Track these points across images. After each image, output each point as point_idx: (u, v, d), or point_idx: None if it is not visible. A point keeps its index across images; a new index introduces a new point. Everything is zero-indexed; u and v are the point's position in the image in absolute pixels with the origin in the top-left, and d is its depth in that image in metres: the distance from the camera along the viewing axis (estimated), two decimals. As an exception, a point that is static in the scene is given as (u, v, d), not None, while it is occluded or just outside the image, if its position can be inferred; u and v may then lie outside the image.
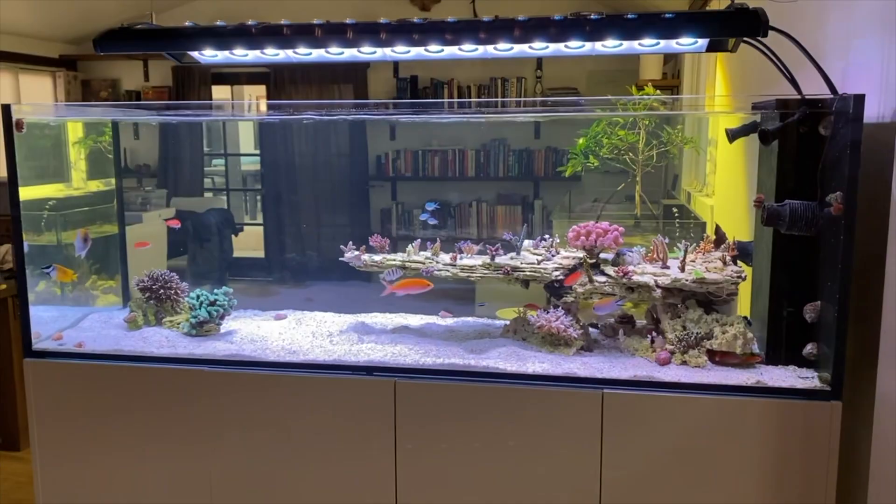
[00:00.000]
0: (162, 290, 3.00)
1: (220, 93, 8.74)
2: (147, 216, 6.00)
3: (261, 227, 8.58)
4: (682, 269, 2.73)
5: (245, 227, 9.18)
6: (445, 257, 2.89)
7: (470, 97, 8.08)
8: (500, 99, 4.13)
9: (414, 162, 8.15)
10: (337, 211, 8.14)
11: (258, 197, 9.53)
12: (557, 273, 2.78)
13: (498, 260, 2.82)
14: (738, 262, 2.80)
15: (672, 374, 2.57)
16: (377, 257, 2.92)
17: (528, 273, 2.77)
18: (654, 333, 2.72)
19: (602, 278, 2.74)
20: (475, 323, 3.14)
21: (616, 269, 2.72)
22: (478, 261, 2.85)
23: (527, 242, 2.95)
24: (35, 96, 8.31)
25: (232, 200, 10.16)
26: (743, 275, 2.69)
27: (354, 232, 8.20)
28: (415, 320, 3.18)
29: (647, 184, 5.14)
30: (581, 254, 2.82)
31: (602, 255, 2.80)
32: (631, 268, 2.74)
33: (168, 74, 8.72)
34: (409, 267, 2.88)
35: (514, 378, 2.61)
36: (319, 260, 7.27)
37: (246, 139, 10.57)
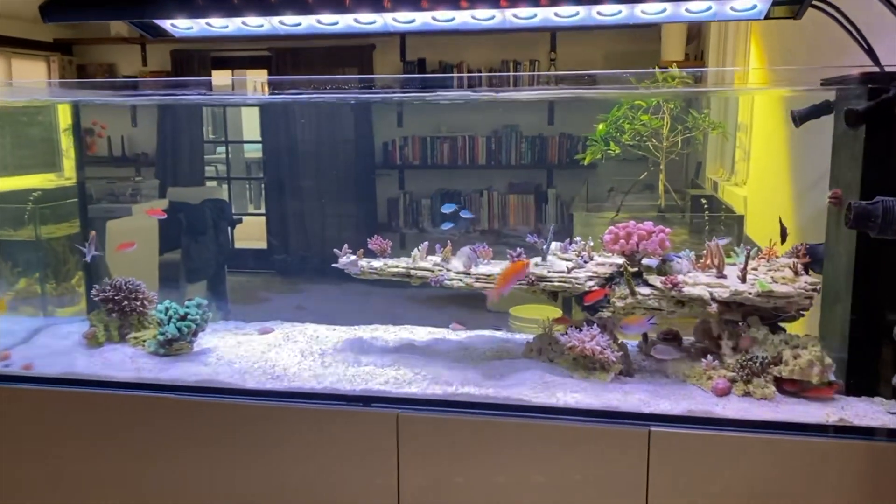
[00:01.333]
0: (126, 302, 2.51)
1: (220, 78, 8.21)
2: (138, 208, 5.51)
3: (259, 218, 8.09)
4: (744, 280, 2.22)
5: (249, 218, 8.69)
6: (458, 264, 2.38)
7: (480, 84, 7.53)
8: (512, 74, 3.63)
9: (422, 149, 7.63)
10: (341, 201, 7.64)
11: (262, 186, 9.03)
12: (591, 283, 2.27)
13: (521, 267, 2.31)
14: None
15: (733, 407, 2.07)
16: (377, 263, 2.41)
17: (556, 283, 2.26)
18: (709, 356, 2.21)
19: (646, 290, 2.23)
20: (491, 338, 2.64)
21: (663, 279, 2.21)
22: (496, 268, 2.34)
23: (554, 245, 2.44)
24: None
25: (235, 189, 9.69)
26: (818, 287, 2.17)
27: (360, 223, 7.70)
28: (422, 334, 2.69)
29: (668, 172, 4.63)
30: (619, 260, 2.31)
31: (645, 262, 2.29)
32: (681, 277, 2.23)
33: (167, 59, 8.21)
34: (415, 275, 2.37)
35: (541, 412, 2.12)
36: (314, 259, 6.77)
37: (250, 126, 10.05)
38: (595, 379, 2.23)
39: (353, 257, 2.45)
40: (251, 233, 8.04)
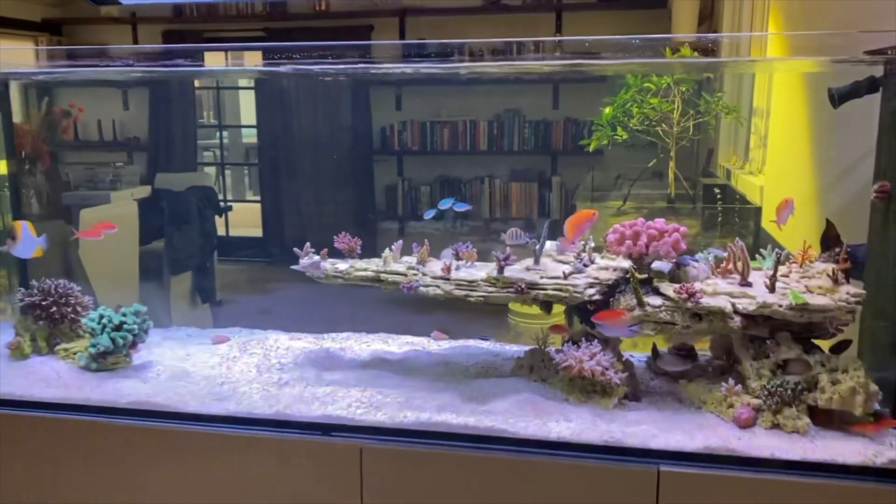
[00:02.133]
0: (55, 308, 2.15)
1: (213, 58, 7.84)
2: (117, 195, 5.15)
3: (256, 205, 7.74)
4: (772, 289, 1.84)
5: (246, 205, 8.34)
6: (436, 266, 2.01)
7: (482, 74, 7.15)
8: (514, 40, 3.26)
9: (421, 134, 7.24)
10: (338, 187, 7.27)
11: (254, 171, 8.68)
12: (592, 292, 1.90)
13: (509, 272, 1.95)
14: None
15: (759, 443, 1.71)
16: (342, 265, 2.05)
17: (550, 291, 1.90)
18: (730, 379, 1.84)
19: (657, 300, 1.86)
20: (478, 349, 2.28)
21: (677, 287, 1.84)
22: (481, 272, 1.98)
23: (549, 245, 2.07)
24: (15, 64, 7.45)
25: (234, 175, 9.34)
26: (862, 298, 1.80)
27: (357, 210, 7.34)
28: (398, 345, 2.33)
29: (679, 159, 4.26)
30: (626, 264, 1.94)
31: (656, 266, 1.92)
32: (698, 285, 1.86)
33: (158, 40, 7.82)
34: (386, 280, 2.01)
35: (530, 445, 1.76)
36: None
37: (248, 111, 9.68)
38: (594, 404, 1.87)
39: (315, 258, 2.09)
40: (252, 220, 7.70)
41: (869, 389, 1.71)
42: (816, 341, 1.88)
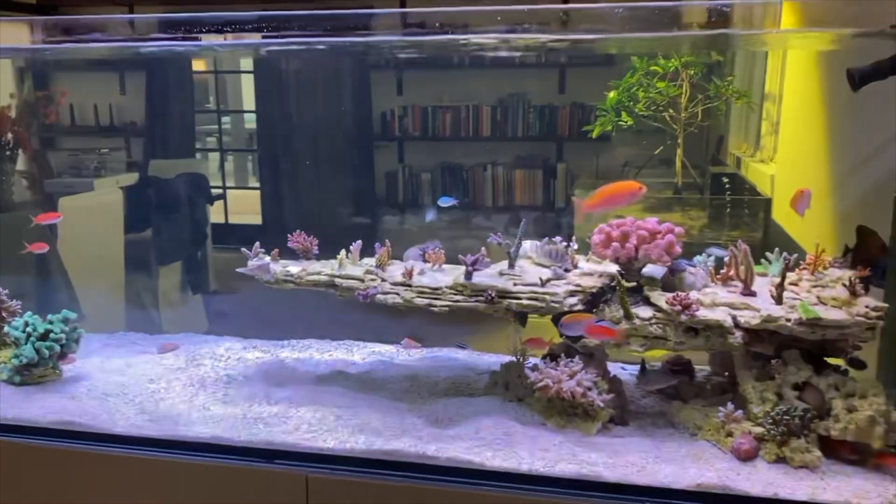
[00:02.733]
0: (-21, 313, 1.92)
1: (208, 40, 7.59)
2: (101, 183, 4.93)
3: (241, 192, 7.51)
4: (779, 300, 1.59)
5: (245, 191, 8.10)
6: (396, 271, 1.77)
7: (485, 47, 6.83)
8: (517, 7, 3.00)
9: (423, 119, 6.97)
10: (337, 174, 7.02)
11: (253, 158, 8.44)
12: (573, 301, 1.65)
13: (478, 278, 1.70)
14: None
15: (761, 478, 1.47)
16: (294, 268, 1.81)
17: (524, 301, 1.64)
18: (729, 404, 1.59)
19: (646, 312, 1.61)
20: (452, 361, 2.03)
21: (670, 296, 1.58)
22: (447, 277, 1.73)
23: (526, 246, 1.82)
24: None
25: (236, 161, 9.11)
26: (884, 312, 1.54)
27: (358, 198, 7.09)
28: (363, 354, 2.09)
29: (687, 146, 4.01)
30: (613, 268, 1.69)
31: (647, 272, 1.67)
32: (694, 294, 1.60)
33: (156, 23, 7.58)
34: (340, 286, 1.76)
35: (497, 479, 1.51)
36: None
37: (249, 95, 9.44)
38: (575, 429, 1.63)
39: (265, 259, 1.84)
40: (253, 206, 7.47)
41: (890, 418, 1.46)
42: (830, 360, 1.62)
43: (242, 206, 7.56)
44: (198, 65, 8.00)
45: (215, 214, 6.16)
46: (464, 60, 6.71)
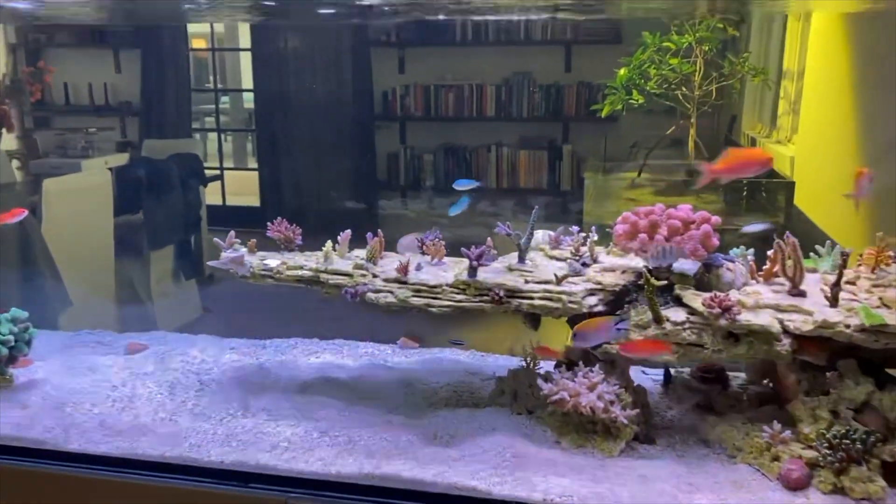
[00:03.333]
0: (-78, 311, 1.68)
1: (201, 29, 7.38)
2: (88, 164, 4.69)
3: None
4: (834, 301, 1.35)
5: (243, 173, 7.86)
6: (389, 266, 1.53)
7: (487, 27, 6.58)
8: None
9: (425, 99, 6.71)
10: (337, 155, 6.77)
11: (252, 138, 8.19)
12: (593, 301, 1.41)
13: (484, 274, 1.46)
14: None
15: (817, 514, 1.22)
16: (273, 261, 1.57)
17: (536, 301, 1.41)
18: (776, 423, 1.35)
19: (679, 315, 1.37)
20: (452, 364, 1.80)
21: (707, 296, 1.35)
22: (448, 273, 1.49)
23: (538, 236, 1.58)
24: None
25: (236, 142, 8.87)
26: (960, 317, 1.30)
27: (358, 180, 6.85)
28: (354, 356, 1.85)
29: (698, 126, 3.78)
30: (638, 263, 1.45)
31: (677, 267, 1.43)
32: (734, 295, 1.36)
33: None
34: (326, 282, 1.53)
35: (505, 511, 1.28)
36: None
37: (247, 74, 9.18)
38: (595, 449, 1.39)
39: (241, 250, 1.61)
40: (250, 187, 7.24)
41: (970, 443, 1.23)
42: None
43: (241, 188, 7.34)
44: (195, 42, 7.76)
45: (212, 196, 5.93)
46: (467, 37, 6.45)
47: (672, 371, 1.62)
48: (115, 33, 7.26)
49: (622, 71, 3.60)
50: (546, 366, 1.59)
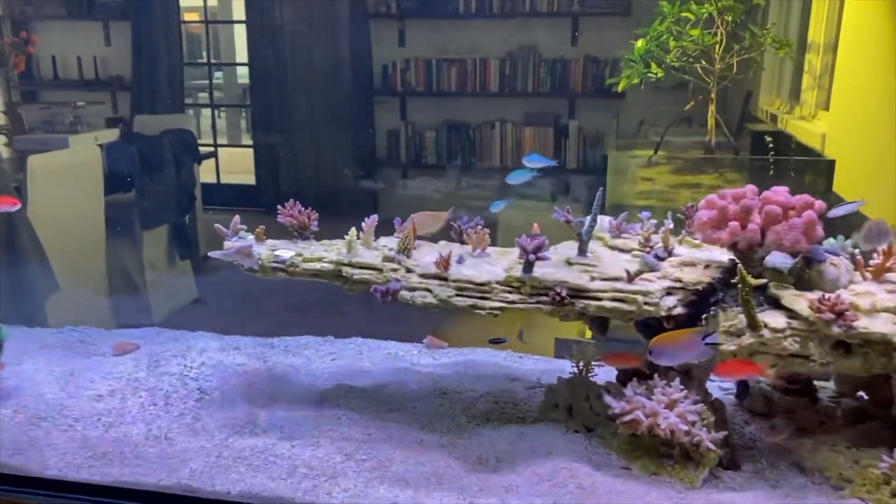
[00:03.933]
0: None
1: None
2: (76, 139, 4.40)
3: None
4: (968, 304, 1.11)
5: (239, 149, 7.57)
6: (428, 258, 1.28)
7: (492, 6, 6.30)
8: None
9: (426, 73, 6.44)
10: (335, 132, 6.49)
11: (245, 113, 7.91)
12: (672, 302, 1.17)
13: (542, 269, 1.21)
14: None
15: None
16: (285, 252, 1.32)
17: (605, 303, 1.16)
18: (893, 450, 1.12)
19: (778, 320, 1.13)
20: (488, 367, 1.56)
21: (813, 298, 1.10)
22: (496, 267, 1.25)
23: (602, 223, 1.33)
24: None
25: (230, 118, 8.59)
26: None
27: (357, 158, 6.59)
28: (375, 358, 1.61)
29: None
30: (723, 256, 1.21)
31: (770, 262, 1.18)
32: (844, 295, 1.12)
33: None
34: (350, 277, 1.28)
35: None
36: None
37: (242, 48, 8.87)
38: (674, 479, 1.16)
39: (249, 238, 1.35)
40: (244, 165, 6.97)
41: None
42: None
43: (236, 165, 7.08)
44: (187, 16, 7.47)
45: (205, 175, 5.65)
46: (470, 8, 6.17)
47: (750, 381, 1.39)
48: (104, 4, 6.95)
49: (639, 43, 3.34)
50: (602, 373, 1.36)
